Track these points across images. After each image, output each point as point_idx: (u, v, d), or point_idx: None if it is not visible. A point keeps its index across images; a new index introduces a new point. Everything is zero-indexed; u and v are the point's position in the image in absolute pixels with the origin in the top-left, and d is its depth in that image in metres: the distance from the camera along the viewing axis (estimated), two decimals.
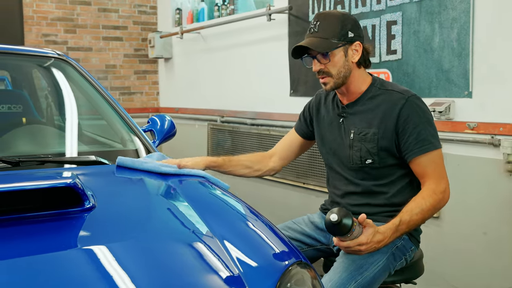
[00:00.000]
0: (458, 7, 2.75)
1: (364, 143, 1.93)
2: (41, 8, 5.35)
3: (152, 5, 5.97)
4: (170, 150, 5.84)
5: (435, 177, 1.86)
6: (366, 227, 1.68)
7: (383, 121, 1.91)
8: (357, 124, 1.97)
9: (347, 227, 1.60)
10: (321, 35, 1.91)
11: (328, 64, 1.92)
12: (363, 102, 1.98)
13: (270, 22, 4.06)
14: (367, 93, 1.98)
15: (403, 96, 1.91)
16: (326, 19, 1.93)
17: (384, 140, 1.90)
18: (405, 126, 1.87)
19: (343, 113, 2.03)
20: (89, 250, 1.29)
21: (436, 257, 2.99)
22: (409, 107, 1.88)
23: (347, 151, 1.99)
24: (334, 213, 1.57)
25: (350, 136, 1.97)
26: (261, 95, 4.40)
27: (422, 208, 1.80)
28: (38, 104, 2.99)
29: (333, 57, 1.91)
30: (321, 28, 1.92)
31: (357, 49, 1.94)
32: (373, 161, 1.93)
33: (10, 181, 1.46)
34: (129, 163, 1.89)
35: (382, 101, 1.94)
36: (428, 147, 1.86)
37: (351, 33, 1.92)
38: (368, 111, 1.96)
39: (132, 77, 5.91)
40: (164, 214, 1.55)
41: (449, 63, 2.82)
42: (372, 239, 1.68)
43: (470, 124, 2.76)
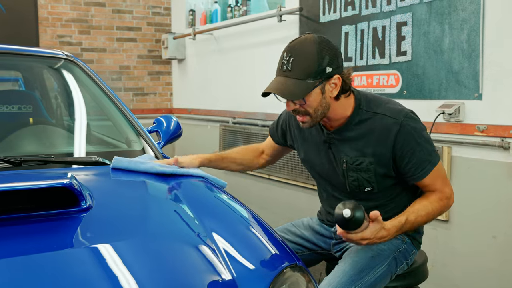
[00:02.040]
0: (468, 8, 2.72)
1: (360, 173, 1.83)
2: (56, 10, 5.41)
3: (166, 6, 5.99)
4: (182, 151, 5.87)
5: (440, 188, 1.82)
6: (373, 222, 1.63)
7: (377, 150, 1.79)
8: (348, 152, 1.84)
9: (358, 223, 1.56)
10: (294, 75, 1.71)
11: (304, 105, 1.75)
12: (350, 127, 1.83)
13: (281, 23, 4.05)
14: (353, 118, 1.83)
15: (395, 121, 1.76)
16: (299, 55, 1.71)
17: (380, 167, 1.81)
18: (402, 152, 1.77)
19: (329, 140, 1.88)
20: (84, 250, 1.30)
21: (445, 261, 2.95)
22: (404, 133, 1.76)
23: (341, 179, 1.89)
24: (347, 209, 1.52)
25: (343, 166, 1.85)
26: (272, 97, 4.38)
27: (428, 212, 1.78)
28: (47, 104, 3.02)
29: (309, 98, 1.73)
30: (295, 66, 1.71)
31: (335, 82, 1.74)
32: (372, 188, 1.85)
33: (8, 181, 1.47)
34: (125, 164, 1.88)
35: (373, 127, 1.79)
36: (429, 169, 1.78)
37: (329, 67, 1.71)
38: (358, 138, 1.82)
39: (145, 78, 5.94)
40: (160, 215, 1.55)
41: (459, 64, 2.78)
42: (376, 235, 1.64)
43: (479, 127, 2.72)
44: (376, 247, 1.82)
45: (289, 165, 4.09)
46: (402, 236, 1.90)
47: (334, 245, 2.01)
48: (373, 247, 1.81)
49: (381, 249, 1.82)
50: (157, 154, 2.16)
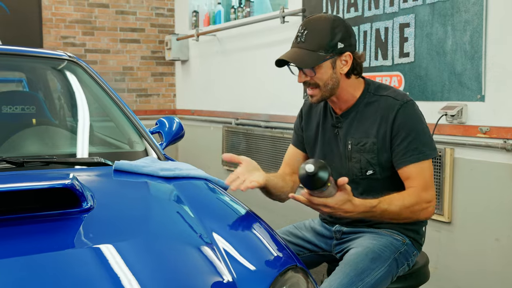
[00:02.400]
0: (471, 9, 2.71)
1: (363, 154, 1.86)
2: (60, 11, 5.43)
3: (170, 7, 6.00)
4: (185, 151, 5.88)
5: (422, 185, 1.79)
6: (341, 191, 1.57)
7: (380, 130, 1.83)
8: (354, 133, 1.89)
9: (321, 181, 1.47)
10: (307, 46, 1.80)
11: (314, 77, 1.82)
12: (357, 110, 1.90)
13: (284, 24, 4.05)
14: (361, 100, 1.90)
15: (398, 102, 1.83)
16: (314, 28, 1.81)
17: (383, 149, 1.84)
18: (397, 133, 1.81)
19: (337, 123, 1.94)
20: (84, 250, 1.30)
21: (448, 263, 2.94)
22: (404, 113, 1.81)
23: (346, 163, 1.91)
24: (311, 164, 1.44)
25: (348, 147, 1.89)
26: (275, 98, 4.39)
27: (403, 203, 1.74)
28: (50, 105, 3.03)
29: (319, 70, 1.81)
30: (308, 38, 1.80)
31: (346, 60, 1.83)
32: (374, 171, 1.86)
33: (10, 182, 1.48)
34: (126, 167, 1.88)
35: (378, 108, 1.86)
36: (418, 157, 1.78)
37: (341, 43, 1.80)
38: (364, 119, 1.88)
39: (149, 79, 5.96)
40: (161, 215, 1.56)
41: (462, 66, 2.78)
42: (341, 206, 1.58)
43: (482, 128, 2.71)
44: (376, 249, 1.81)
45: None
46: (402, 237, 1.91)
47: (335, 245, 2.01)
48: (374, 249, 1.81)
49: (382, 251, 1.82)
50: (159, 155, 2.17)
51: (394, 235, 1.91)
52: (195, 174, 1.89)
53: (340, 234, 2.00)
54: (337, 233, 2.00)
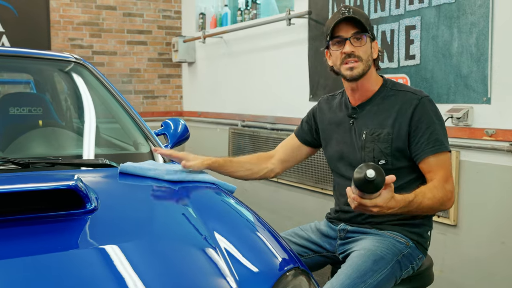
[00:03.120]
0: (477, 11, 2.71)
1: (377, 143, 1.91)
2: (68, 13, 5.46)
3: (177, 9, 6.02)
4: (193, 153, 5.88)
5: (444, 177, 1.84)
6: (386, 189, 1.59)
7: (397, 121, 1.89)
8: (369, 124, 1.95)
9: (378, 187, 1.50)
10: (358, 17, 1.88)
11: (360, 48, 1.90)
12: (374, 102, 1.98)
13: (290, 26, 4.06)
14: (378, 94, 1.98)
15: (416, 96, 1.91)
16: (357, 9, 1.92)
17: (398, 140, 1.89)
18: (418, 126, 1.87)
19: (353, 114, 2.01)
20: (86, 251, 1.31)
21: (454, 266, 2.93)
22: (423, 107, 1.88)
23: (359, 153, 1.96)
24: (371, 169, 1.45)
25: (362, 137, 1.95)
26: (281, 100, 4.40)
27: (434, 195, 1.77)
28: (57, 107, 3.05)
29: (363, 42, 1.90)
30: (355, 13, 1.89)
31: (375, 47, 1.97)
32: (386, 161, 1.90)
33: (15, 182, 1.49)
34: (131, 170, 1.88)
35: (395, 101, 1.93)
36: (439, 148, 1.85)
37: (373, 30, 1.95)
38: (380, 111, 1.95)
39: (156, 81, 5.97)
40: (164, 217, 1.56)
41: (468, 68, 2.77)
42: (387, 204, 1.61)
43: (488, 131, 2.70)
44: (379, 251, 1.82)
45: (298, 169, 4.08)
46: (406, 240, 1.91)
47: (339, 246, 2.02)
48: (376, 251, 1.82)
49: (385, 253, 1.82)
50: (164, 157, 2.17)
51: (398, 238, 1.92)
52: (200, 178, 1.90)
53: (344, 233, 2.01)
54: (341, 231, 2.02)
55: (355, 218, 1.99)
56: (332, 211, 2.13)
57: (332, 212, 2.13)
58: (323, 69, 3.69)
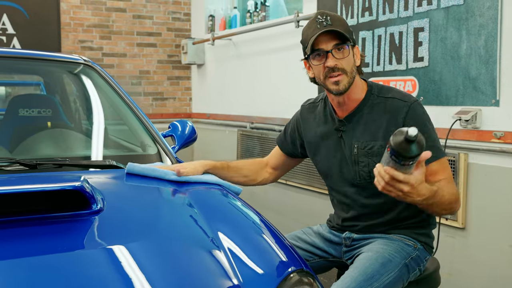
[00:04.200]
0: (486, 13, 2.69)
1: (371, 158, 1.83)
2: (78, 15, 5.50)
3: (186, 12, 6.04)
4: (200, 155, 5.90)
5: (448, 178, 1.78)
6: (418, 169, 1.48)
7: (388, 132, 1.79)
8: (359, 137, 1.86)
9: (421, 148, 1.35)
10: (337, 27, 1.75)
11: (343, 60, 1.78)
12: (361, 112, 1.87)
13: (299, 28, 4.06)
14: (365, 102, 1.87)
15: (405, 103, 1.81)
16: (334, 16, 1.80)
17: None
18: None
19: (340, 127, 1.91)
20: (92, 251, 1.32)
21: (462, 269, 2.92)
22: (414, 114, 1.79)
23: (352, 167, 1.89)
24: (414, 128, 1.33)
25: (354, 151, 1.87)
26: (289, 102, 4.40)
27: (449, 191, 1.70)
28: (66, 108, 3.07)
29: (345, 53, 1.79)
30: (334, 21, 1.77)
31: (356, 53, 1.85)
32: None
33: (22, 183, 1.51)
34: (139, 170, 1.89)
35: (384, 110, 1.84)
36: (438, 154, 1.76)
37: (353, 35, 1.84)
38: (369, 122, 1.86)
39: (165, 83, 6.00)
40: (170, 219, 1.56)
41: (476, 70, 2.76)
42: (418, 187, 1.49)
43: (497, 133, 2.69)
44: (387, 254, 1.80)
45: (306, 171, 4.08)
46: (414, 242, 1.89)
47: (345, 252, 2.00)
48: (384, 254, 1.80)
49: (392, 256, 1.80)
50: (171, 158, 2.18)
51: (406, 241, 1.89)
52: (206, 179, 1.90)
53: (350, 241, 1.98)
54: (347, 239, 1.99)
55: (362, 230, 1.95)
56: (333, 220, 2.08)
57: (333, 220, 2.08)
58: None
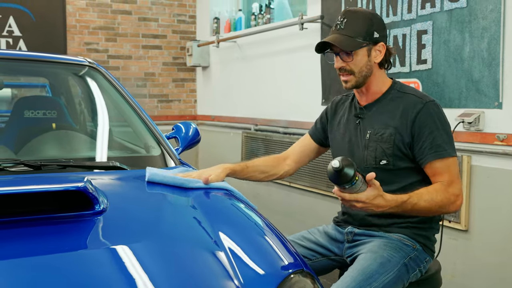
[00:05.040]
0: (489, 16, 2.70)
1: (380, 143, 1.93)
2: (84, 18, 5.53)
3: (191, 14, 6.07)
4: (205, 157, 5.93)
5: (448, 180, 1.84)
6: (371, 187, 1.64)
7: (400, 123, 1.90)
8: (374, 125, 1.97)
9: (348, 177, 1.54)
10: (346, 32, 1.90)
11: (351, 63, 1.92)
12: (381, 103, 1.99)
13: (303, 31, 4.07)
14: (386, 95, 1.99)
15: (421, 100, 1.91)
16: (353, 17, 1.93)
17: (400, 141, 1.90)
18: (420, 131, 1.87)
19: (360, 114, 2.03)
20: (94, 251, 1.34)
21: (465, 271, 2.92)
22: (426, 112, 1.88)
23: (362, 151, 1.98)
24: (337, 160, 1.52)
25: (366, 137, 1.97)
26: (294, 104, 4.41)
27: (432, 199, 1.79)
28: (71, 110, 3.09)
29: (356, 56, 1.91)
30: (347, 26, 1.91)
31: (380, 49, 1.95)
32: (388, 162, 1.91)
33: (26, 184, 1.52)
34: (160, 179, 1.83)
35: (400, 103, 1.94)
36: (442, 153, 1.85)
37: (377, 33, 1.92)
38: (385, 112, 1.96)
39: (170, 85, 6.02)
40: (172, 220, 1.58)
41: (479, 73, 2.76)
42: (372, 201, 1.64)
43: (499, 136, 2.69)
44: (386, 254, 1.83)
45: (310, 173, 4.09)
46: (413, 242, 1.91)
47: (346, 249, 2.03)
48: (383, 254, 1.82)
49: (391, 256, 1.83)
50: (174, 160, 2.20)
51: (405, 241, 1.92)
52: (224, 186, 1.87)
53: (352, 236, 2.02)
54: (349, 234, 2.03)
55: (362, 221, 2.00)
56: (340, 214, 2.14)
57: (339, 215, 2.14)
58: (336, 73, 3.69)
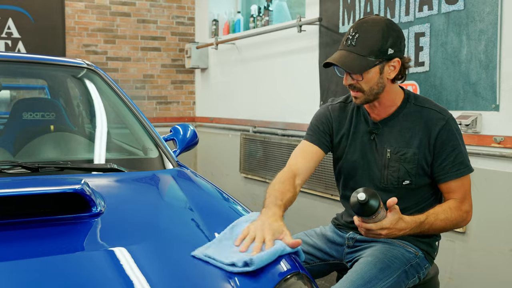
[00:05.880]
0: (486, 19, 2.71)
1: (403, 164, 1.85)
2: (83, 20, 5.54)
3: (190, 16, 6.08)
4: (204, 159, 5.93)
5: (461, 197, 1.84)
6: (391, 212, 1.61)
7: (423, 141, 1.84)
8: (393, 143, 1.88)
9: (374, 208, 1.54)
10: (357, 50, 1.76)
11: (361, 81, 1.80)
12: (398, 119, 1.89)
13: (301, 33, 4.08)
14: (401, 109, 1.89)
15: (442, 116, 1.84)
16: (366, 33, 1.77)
17: (423, 160, 1.85)
18: (443, 147, 1.82)
19: (375, 130, 1.91)
20: (90, 253, 1.34)
21: (462, 273, 2.92)
22: (449, 128, 1.83)
23: (381, 171, 1.89)
24: (362, 193, 1.52)
25: (387, 156, 1.88)
26: (292, 106, 4.42)
27: (447, 217, 1.78)
28: (69, 112, 3.10)
29: (367, 75, 1.79)
30: (359, 42, 1.77)
31: (394, 65, 1.81)
32: (411, 182, 1.86)
33: (23, 186, 1.53)
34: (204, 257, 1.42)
35: (419, 119, 1.86)
36: (464, 171, 1.83)
37: (391, 49, 1.77)
38: (404, 129, 1.87)
39: (169, 87, 6.03)
40: (169, 222, 1.58)
41: (477, 75, 2.77)
42: (395, 226, 1.61)
43: (496, 138, 2.70)
44: (386, 259, 1.81)
45: None
46: (415, 249, 1.90)
47: (346, 254, 2.01)
48: (384, 259, 1.81)
49: (392, 262, 1.82)
50: (172, 162, 2.20)
51: (407, 247, 1.91)
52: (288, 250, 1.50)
53: (353, 242, 2.00)
54: (350, 240, 2.00)
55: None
56: (341, 218, 2.09)
57: (340, 218, 2.10)
58: (334, 75, 3.70)
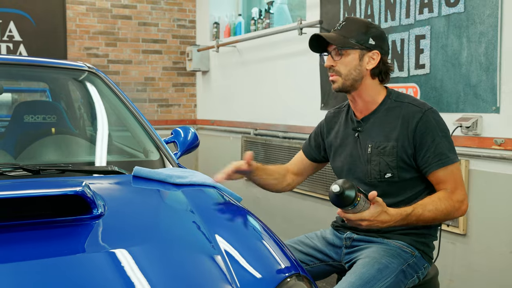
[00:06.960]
0: (486, 21, 2.71)
1: (383, 157, 1.91)
2: (84, 23, 5.55)
3: (191, 19, 6.09)
4: (205, 161, 5.94)
5: (452, 187, 1.85)
6: (374, 204, 1.65)
7: (401, 134, 1.89)
8: (374, 137, 1.95)
9: (349, 199, 1.57)
10: (341, 32, 1.93)
11: (339, 62, 1.92)
12: (378, 115, 1.97)
13: (302, 36, 4.08)
14: (382, 106, 1.97)
15: (420, 109, 1.90)
16: (352, 22, 1.95)
17: (403, 153, 1.89)
18: (422, 140, 1.87)
19: (358, 127, 2.01)
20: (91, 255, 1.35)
21: (463, 275, 2.92)
22: (426, 121, 1.87)
23: (365, 166, 1.96)
24: (337, 184, 1.55)
25: (368, 151, 1.95)
26: (293, 109, 4.42)
27: (436, 208, 1.80)
28: (70, 115, 3.11)
29: (346, 56, 1.91)
30: (344, 27, 1.94)
31: (374, 57, 1.93)
32: (393, 175, 1.91)
33: (24, 188, 1.53)
34: (145, 173, 1.92)
35: (399, 113, 1.92)
36: (445, 161, 1.85)
37: (373, 41, 1.92)
38: (384, 124, 1.95)
39: (170, 90, 6.03)
40: (170, 224, 1.59)
41: (477, 77, 2.77)
42: (377, 218, 1.65)
43: (497, 140, 2.70)
44: (384, 260, 1.83)
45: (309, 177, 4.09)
46: (412, 249, 1.91)
47: (345, 255, 2.03)
48: (381, 259, 1.82)
49: (389, 262, 1.83)
50: (173, 164, 2.21)
51: (403, 247, 1.92)
52: (210, 183, 1.93)
53: (350, 241, 2.02)
54: (347, 240, 2.03)
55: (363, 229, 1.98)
56: (339, 219, 2.12)
57: (338, 220, 2.13)
58: None
